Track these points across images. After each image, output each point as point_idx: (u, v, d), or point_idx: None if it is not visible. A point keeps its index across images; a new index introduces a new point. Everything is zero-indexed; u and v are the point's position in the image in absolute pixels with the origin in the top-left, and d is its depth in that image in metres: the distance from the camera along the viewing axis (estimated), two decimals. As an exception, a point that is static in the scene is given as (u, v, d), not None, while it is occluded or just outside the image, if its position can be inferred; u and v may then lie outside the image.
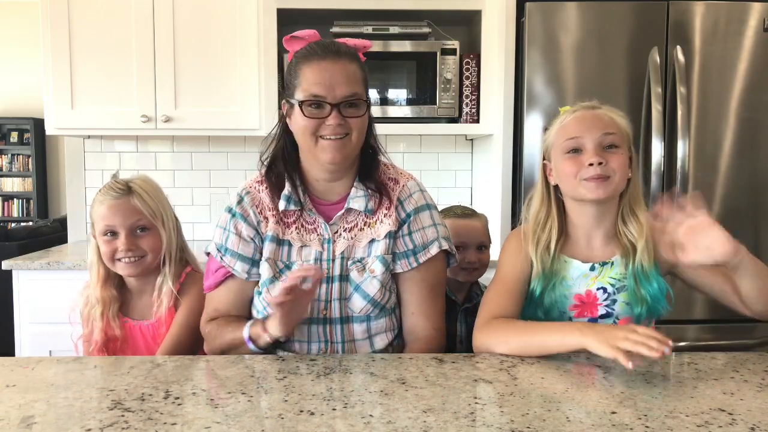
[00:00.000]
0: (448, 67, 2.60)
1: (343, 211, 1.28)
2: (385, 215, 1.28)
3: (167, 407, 0.94)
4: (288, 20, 2.61)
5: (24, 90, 6.62)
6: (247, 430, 0.86)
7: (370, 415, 0.91)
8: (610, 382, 1.06)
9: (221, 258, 1.30)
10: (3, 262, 2.38)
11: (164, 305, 1.47)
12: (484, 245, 1.62)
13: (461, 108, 2.65)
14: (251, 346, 1.22)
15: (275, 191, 1.29)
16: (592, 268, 1.29)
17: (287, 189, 1.29)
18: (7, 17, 6.58)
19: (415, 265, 1.29)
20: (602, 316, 1.29)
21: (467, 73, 2.64)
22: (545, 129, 2.26)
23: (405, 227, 1.29)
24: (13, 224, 6.32)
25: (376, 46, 2.60)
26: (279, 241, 1.28)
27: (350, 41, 1.27)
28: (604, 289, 1.29)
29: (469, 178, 3.00)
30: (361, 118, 1.23)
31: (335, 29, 2.60)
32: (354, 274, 1.26)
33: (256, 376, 1.08)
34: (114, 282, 1.51)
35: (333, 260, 1.27)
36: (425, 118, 2.65)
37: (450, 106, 2.62)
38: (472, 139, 2.98)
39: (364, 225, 1.29)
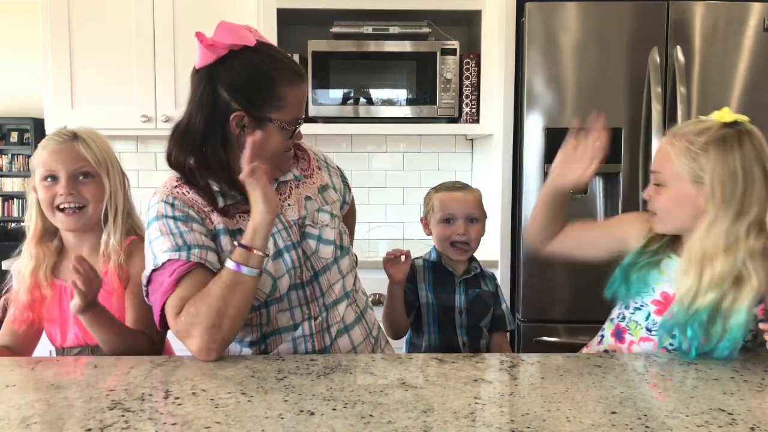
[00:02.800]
0: (448, 67, 2.59)
1: (277, 184, 1.31)
2: (307, 176, 1.38)
3: (167, 407, 0.95)
4: (288, 20, 2.61)
5: (24, 90, 6.61)
6: (247, 430, 0.86)
7: (370, 415, 0.91)
8: (610, 382, 1.06)
9: (188, 256, 1.16)
10: (3, 262, 2.38)
11: (111, 263, 1.35)
12: (474, 218, 1.60)
13: (461, 108, 2.65)
14: (243, 270, 1.13)
15: (202, 191, 1.24)
16: None
17: (216, 186, 1.24)
18: (7, 17, 6.58)
19: (351, 195, 1.56)
20: None
21: (467, 73, 2.64)
22: (546, 129, 2.28)
23: (337, 171, 1.49)
24: (13, 224, 6.32)
25: (376, 46, 2.60)
26: (232, 233, 1.24)
27: (252, 33, 1.23)
28: None
29: (470, 178, 3.00)
30: None
31: (335, 29, 2.60)
32: (309, 229, 1.31)
33: (256, 376, 1.08)
34: (51, 238, 1.42)
35: (290, 228, 1.29)
36: (425, 118, 2.65)
37: (450, 106, 2.62)
38: (472, 139, 2.98)
39: (295, 188, 1.35)
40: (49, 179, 1.36)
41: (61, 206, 1.35)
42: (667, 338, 1.24)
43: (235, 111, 1.20)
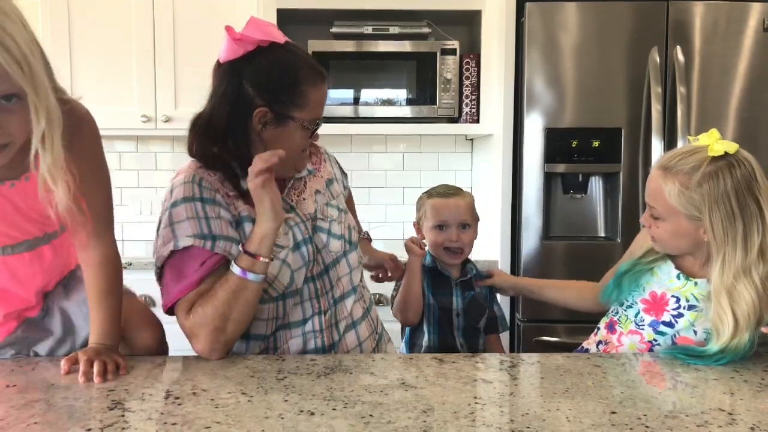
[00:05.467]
0: (448, 67, 2.59)
1: (291, 184, 1.33)
2: (317, 168, 1.41)
3: (167, 407, 0.95)
4: (288, 20, 2.61)
5: (24, 90, 6.60)
6: (247, 430, 0.86)
7: (370, 415, 0.91)
8: (610, 382, 1.06)
9: (213, 246, 1.17)
10: None
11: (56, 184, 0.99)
12: (467, 224, 1.61)
13: (461, 108, 2.65)
14: (249, 276, 1.15)
15: (225, 176, 1.25)
16: (678, 277, 1.29)
17: (239, 170, 1.25)
18: (7, 17, 6.57)
19: (349, 191, 1.56)
20: (665, 323, 1.28)
21: (467, 73, 2.64)
22: (546, 129, 2.28)
23: (335, 164, 1.51)
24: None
25: (376, 46, 2.60)
26: (254, 220, 1.23)
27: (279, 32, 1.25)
28: (677, 299, 1.28)
29: (469, 178, 3.00)
30: None
31: (335, 29, 2.60)
32: (320, 223, 1.32)
33: (256, 376, 1.08)
34: None
35: (307, 221, 1.30)
36: (425, 118, 2.65)
37: (450, 106, 2.62)
38: (472, 139, 2.98)
39: (309, 181, 1.37)
40: None
41: None
42: (652, 334, 1.29)
43: (258, 107, 1.21)
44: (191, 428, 0.87)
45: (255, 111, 1.21)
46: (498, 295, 1.73)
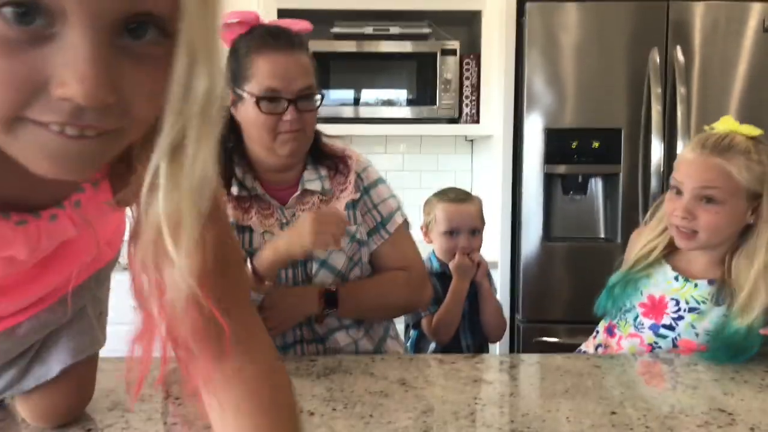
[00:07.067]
0: (448, 68, 2.59)
1: (298, 193, 1.25)
2: (341, 191, 1.29)
3: (167, 407, 0.94)
4: (288, 21, 2.61)
5: (24, 91, 6.61)
6: (247, 430, 0.86)
7: (370, 416, 0.91)
8: (610, 382, 1.06)
9: None
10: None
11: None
12: (477, 230, 1.61)
13: (461, 108, 2.65)
14: (251, 295, 1.10)
15: (222, 177, 1.22)
16: (676, 279, 1.29)
17: (238, 174, 1.22)
18: (7, 18, 6.58)
19: (386, 236, 1.32)
20: (665, 326, 1.28)
21: (467, 74, 2.64)
22: (546, 129, 2.28)
23: (368, 201, 1.31)
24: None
25: (376, 47, 2.60)
26: (240, 228, 1.22)
27: (293, 25, 1.24)
28: (677, 301, 1.27)
29: (469, 179, 3.00)
30: (314, 111, 1.22)
31: (335, 29, 2.60)
32: (317, 252, 1.22)
33: (256, 376, 1.08)
34: None
35: None
36: (425, 119, 2.65)
37: (450, 106, 2.61)
38: (472, 140, 2.98)
39: (321, 202, 1.27)
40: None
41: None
42: (653, 337, 1.29)
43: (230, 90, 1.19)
44: (191, 428, 0.87)
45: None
46: (497, 293, 1.73)
